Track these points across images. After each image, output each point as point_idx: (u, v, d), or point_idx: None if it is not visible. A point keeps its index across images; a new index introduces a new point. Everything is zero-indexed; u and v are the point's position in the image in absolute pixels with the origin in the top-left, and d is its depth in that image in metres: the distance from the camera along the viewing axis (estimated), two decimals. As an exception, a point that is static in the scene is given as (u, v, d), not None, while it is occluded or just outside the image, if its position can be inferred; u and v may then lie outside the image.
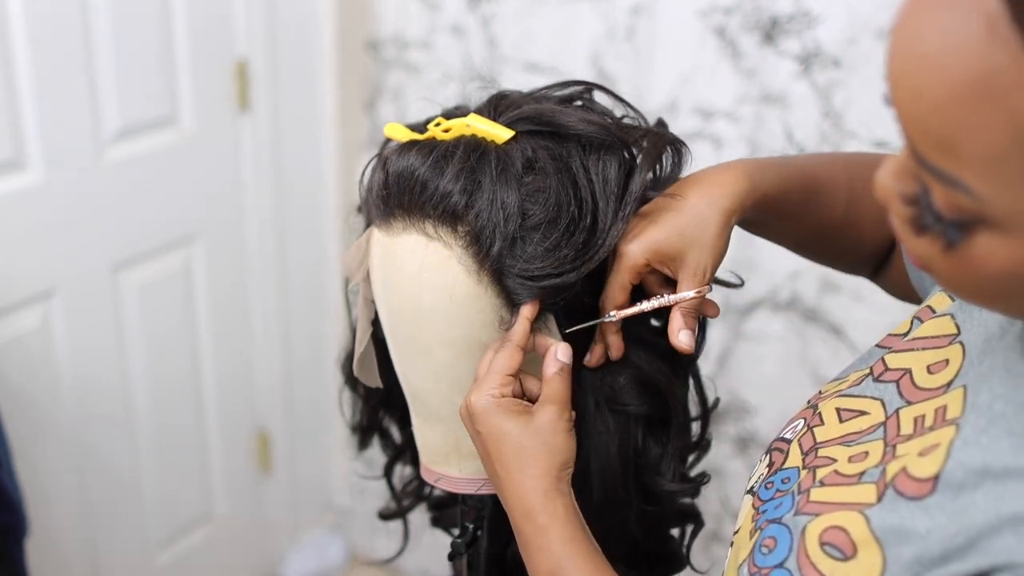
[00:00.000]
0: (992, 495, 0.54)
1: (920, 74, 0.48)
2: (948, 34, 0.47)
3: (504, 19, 1.75)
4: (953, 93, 0.47)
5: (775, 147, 1.52)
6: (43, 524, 1.62)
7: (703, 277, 0.78)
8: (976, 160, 0.48)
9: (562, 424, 0.75)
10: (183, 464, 1.93)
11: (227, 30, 1.76)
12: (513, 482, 0.74)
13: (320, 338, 2.16)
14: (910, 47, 0.49)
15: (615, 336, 0.82)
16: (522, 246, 0.77)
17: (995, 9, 0.45)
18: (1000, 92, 0.45)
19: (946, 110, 0.47)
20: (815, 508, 0.63)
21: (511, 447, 0.74)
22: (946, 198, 0.50)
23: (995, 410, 0.57)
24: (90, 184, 1.59)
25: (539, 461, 0.74)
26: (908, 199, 0.53)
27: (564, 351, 0.79)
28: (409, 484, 1.06)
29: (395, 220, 0.80)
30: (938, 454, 0.58)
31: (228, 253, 1.89)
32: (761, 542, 0.66)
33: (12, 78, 1.44)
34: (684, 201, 0.78)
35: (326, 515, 2.34)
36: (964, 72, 0.46)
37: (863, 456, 0.65)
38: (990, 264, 0.51)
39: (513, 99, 0.83)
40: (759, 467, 0.78)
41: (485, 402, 0.75)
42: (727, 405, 1.67)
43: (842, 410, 0.71)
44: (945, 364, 0.66)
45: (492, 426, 0.75)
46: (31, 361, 1.58)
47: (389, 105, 1.96)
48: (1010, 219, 0.49)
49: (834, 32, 1.43)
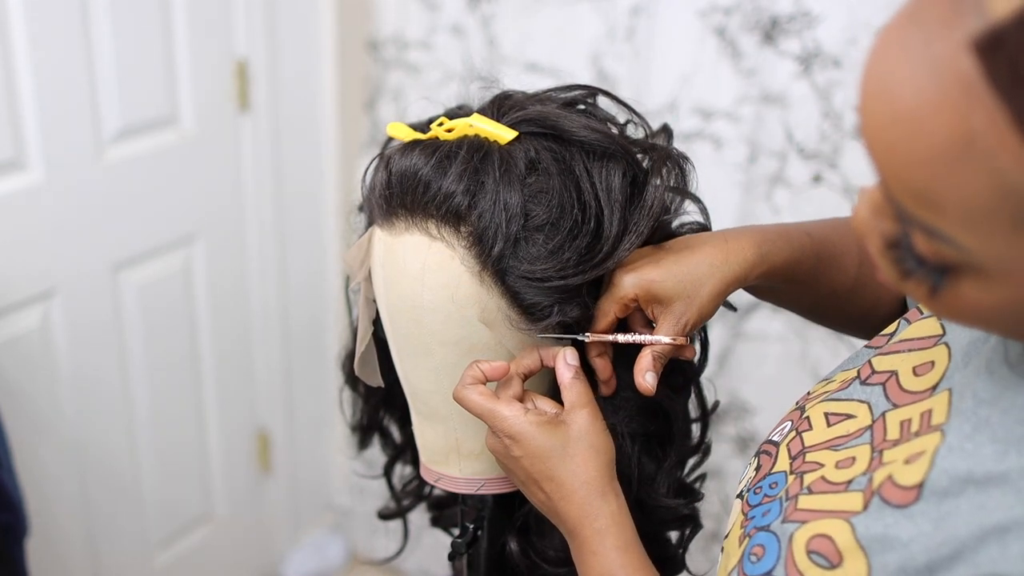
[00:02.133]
0: (975, 502, 0.54)
1: (895, 131, 0.47)
2: (923, 94, 0.45)
3: (504, 19, 1.75)
4: (932, 154, 0.45)
5: (775, 147, 1.52)
6: (43, 524, 1.62)
7: (682, 329, 0.78)
8: (958, 215, 0.46)
9: (599, 424, 0.77)
10: (183, 464, 1.93)
11: (227, 30, 1.76)
12: (567, 491, 0.75)
13: (320, 338, 2.16)
14: (883, 101, 0.47)
15: (600, 359, 0.82)
16: (525, 247, 0.77)
17: (970, 70, 0.43)
18: (981, 154, 0.44)
19: (925, 168, 0.46)
20: (802, 516, 0.63)
21: (559, 459, 0.75)
22: (927, 245, 0.49)
23: (980, 416, 0.57)
24: (90, 184, 1.59)
25: (590, 465, 0.75)
26: (888, 242, 0.52)
27: (572, 355, 0.80)
28: (409, 484, 1.06)
29: (398, 220, 0.80)
30: (923, 462, 0.58)
31: (228, 253, 1.89)
32: (750, 550, 0.66)
33: (12, 78, 1.44)
34: (691, 254, 0.79)
35: (326, 515, 2.34)
36: (942, 134, 0.45)
37: (850, 462, 0.65)
38: (977, 306, 0.51)
39: (517, 100, 0.83)
40: (748, 470, 0.78)
41: (519, 425, 0.76)
42: (727, 405, 1.67)
43: (830, 414, 0.71)
44: (931, 366, 0.65)
45: (533, 445, 0.75)
46: (31, 361, 1.58)
47: (389, 105, 1.96)
48: (995, 266, 0.48)
49: (834, 32, 1.43)
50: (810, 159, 1.50)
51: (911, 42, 0.46)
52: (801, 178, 1.52)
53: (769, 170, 1.54)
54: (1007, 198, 0.45)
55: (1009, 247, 0.46)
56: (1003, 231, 0.46)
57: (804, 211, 1.52)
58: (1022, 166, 0.43)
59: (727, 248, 0.79)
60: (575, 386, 0.78)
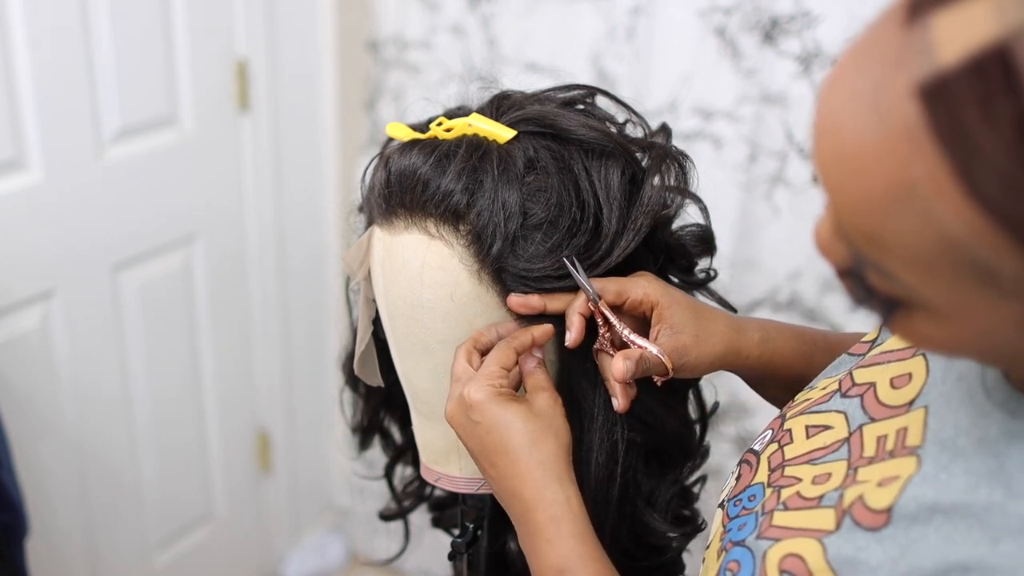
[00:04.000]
0: (943, 532, 0.54)
1: (841, 169, 0.46)
2: (868, 136, 0.44)
3: (504, 19, 1.75)
4: (874, 197, 0.45)
5: (775, 147, 1.52)
6: (43, 524, 1.62)
7: (678, 357, 0.78)
8: (901, 257, 0.46)
9: (559, 409, 0.75)
10: (183, 464, 1.93)
11: (227, 30, 1.76)
12: (522, 468, 0.72)
13: (320, 338, 2.16)
14: (830, 139, 0.46)
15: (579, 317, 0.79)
16: (523, 245, 0.77)
17: (912, 117, 0.42)
18: (921, 202, 0.43)
19: (869, 210, 0.45)
20: (776, 533, 0.63)
21: (518, 432, 0.73)
22: (877, 279, 0.49)
23: (958, 446, 0.56)
24: (90, 184, 1.59)
25: (547, 444, 0.73)
26: (841, 271, 0.52)
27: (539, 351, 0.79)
28: (409, 484, 1.06)
29: (397, 219, 0.80)
30: (895, 486, 0.57)
31: (228, 253, 1.89)
32: (726, 565, 0.66)
33: (12, 78, 1.44)
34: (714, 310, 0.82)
35: (326, 515, 2.34)
36: (884, 179, 0.44)
37: (826, 478, 0.64)
38: (930, 339, 0.50)
39: (515, 99, 0.83)
40: (730, 479, 0.78)
41: (485, 392, 0.74)
42: (727, 405, 1.67)
43: (809, 426, 0.71)
44: (908, 379, 0.65)
45: (494, 415, 0.73)
46: (31, 361, 1.58)
47: (389, 105, 1.96)
48: (941, 309, 0.47)
49: (834, 32, 1.43)
50: (810, 159, 1.50)
51: (859, 81, 0.45)
52: (801, 178, 1.52)
53: (769, 170, 1.54)
54: (947, 248, 0.44)
55: (953, 291, 0.46)
56: (946, 277, 0.45)
57: (804, 211, 1.52)
58: (960, 217, 0.42)
59: (741, 323, 0.82)
60: (536, 374, 0.78)
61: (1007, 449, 0.53)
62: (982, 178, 0.41)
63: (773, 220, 1.56)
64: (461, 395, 0.75)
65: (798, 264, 1.52)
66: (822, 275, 1.51)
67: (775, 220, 1.56)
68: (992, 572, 0.51)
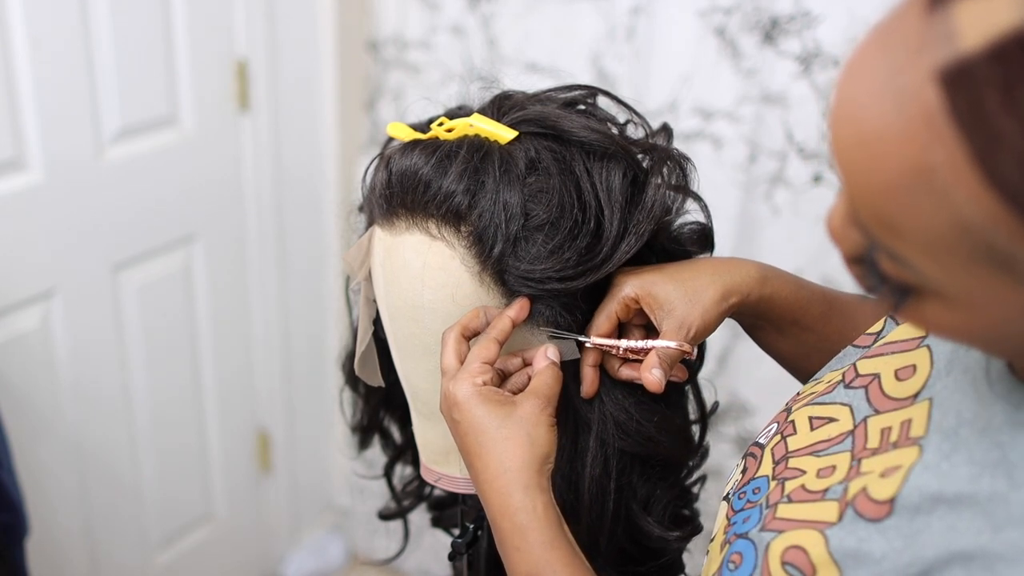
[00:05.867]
0: (946, 522, 0.54)
1: (859, 155, 0.46)
2: (886, 122, 0.44)
3: (504, 19, 1.75)
4: (892, 183, 0.45)
5: (775, 147, 1.52)
6: (43, 524, 1.62)
7: (686, 333, 0.77)
8: (917, 243, 0.46)
9: (544, 418, 0.74)
10: (183, 464, 1.93)
11: (227, 30, 1.76)
12: (491, 475, 0.72)
13: (320, 338, 2.16)
14: (849, 124, 0.46)
15: (590, 369, 0.81)
16: (525, 247, 0.77)
17: (933, 102, 0.42)
18: (939, 188, 0.43)
19: (886, 195, 0.45)
20: (779, 525, 0.63)
21: (491, 437, 0.72)
22: (890, 266, 0.49)
23: (960, 436, 0.57)
24: (90, 184, 1.59)
25: (520, 453, 0.71)
26: (854, 256, 0.52)
27: (554, 351, 0.79)
28: (409, 484, 1.06)
29: (398, 219, 0.80)
30: (898, 476, 0.58)
31: (228, 253, 1.89)
32: (729, 557, 0.66)
33: (12, 78, 1.44)
34: (693, 263, 0.80)
35: (326, 515, 2.34)
36: (903, 165, 0.44)
37: (831, 471, 0.64)
38: (940, 325, 0.50)
39: (517, 100, 0.83)
40: (735, 472, 0.77)
41: (466, 389, 0.73)
42: (727, 405, 1.67)
43: (813, 418, 0.71)
44: (912, 370, 0.65)
45: (472, 415, 0.73)
46: (31, 361, 1.58)
47: (389, 105, 1.96)
48: (956, 293, 0.47)
49: (834, 32, 1.43)
50: (810, 159, 1.50)
51: (879, 67, 0.45)
52: (801, 178, 1.52)
53: (769, 170, 1.54)
54: (964, 233, 0.44)
55: (968, 277, 0.46)
56: (961, 263, 0.45)
57: (804, 211, 1.52)
58: (978, 203, 0.42)
59: (729, 263, 0.81)
60: (544, 375, 0.76)
61: (1010, 439, 0.54)
62: (1002, 164, 0.41)
63: (773, 220, 1.56)
64: (445, 392, 0.75)
65: (798, 264, 1.52)
66: (823, 275, 1.51)
67: (775, 220, 1.56)
68: (995, 561, 0.51)
